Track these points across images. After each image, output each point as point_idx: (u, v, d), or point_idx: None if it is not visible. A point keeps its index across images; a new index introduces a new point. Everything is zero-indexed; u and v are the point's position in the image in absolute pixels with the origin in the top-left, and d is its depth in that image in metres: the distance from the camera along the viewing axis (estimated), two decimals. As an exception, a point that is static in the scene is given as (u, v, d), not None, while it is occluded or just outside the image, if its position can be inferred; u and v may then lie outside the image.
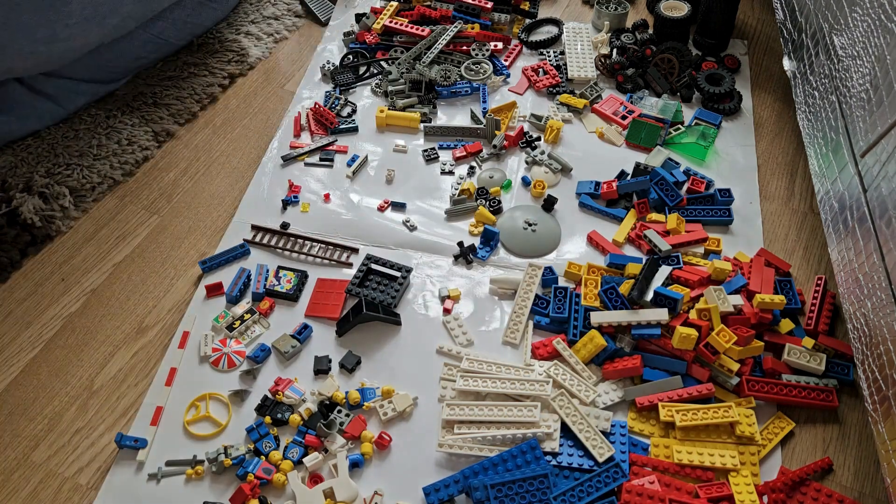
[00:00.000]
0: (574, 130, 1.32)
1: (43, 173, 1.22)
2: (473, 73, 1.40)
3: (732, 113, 1.34)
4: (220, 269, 1.12)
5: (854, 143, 0.94)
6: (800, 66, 1.21)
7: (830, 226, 1.00)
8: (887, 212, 0.81)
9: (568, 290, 1.05)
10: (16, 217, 1.16)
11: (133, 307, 1.08)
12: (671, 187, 1.16)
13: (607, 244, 1.13)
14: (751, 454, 0.91)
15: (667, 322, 0.97)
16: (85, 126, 1.31)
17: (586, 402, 0.95)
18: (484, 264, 1.13)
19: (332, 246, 1.15)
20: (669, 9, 1.44)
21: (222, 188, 1.25)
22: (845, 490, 0.90)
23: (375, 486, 0.90)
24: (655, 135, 1.27)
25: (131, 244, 1.17)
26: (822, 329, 1.02)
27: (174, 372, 1.00)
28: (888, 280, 0.80)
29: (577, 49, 1.43)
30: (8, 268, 1.12)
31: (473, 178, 1.25)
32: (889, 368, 0.78)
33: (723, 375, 0.96)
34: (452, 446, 0.91)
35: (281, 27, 1.55)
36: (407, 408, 0.96)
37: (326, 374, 1.00)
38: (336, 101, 1.36)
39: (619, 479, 0.88)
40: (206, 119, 1.37)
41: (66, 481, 0.92)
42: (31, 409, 0.98)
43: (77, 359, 1.03)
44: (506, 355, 1.02)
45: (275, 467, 0.90)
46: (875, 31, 0.91)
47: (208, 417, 0.96)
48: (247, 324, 1.04)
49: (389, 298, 1.06)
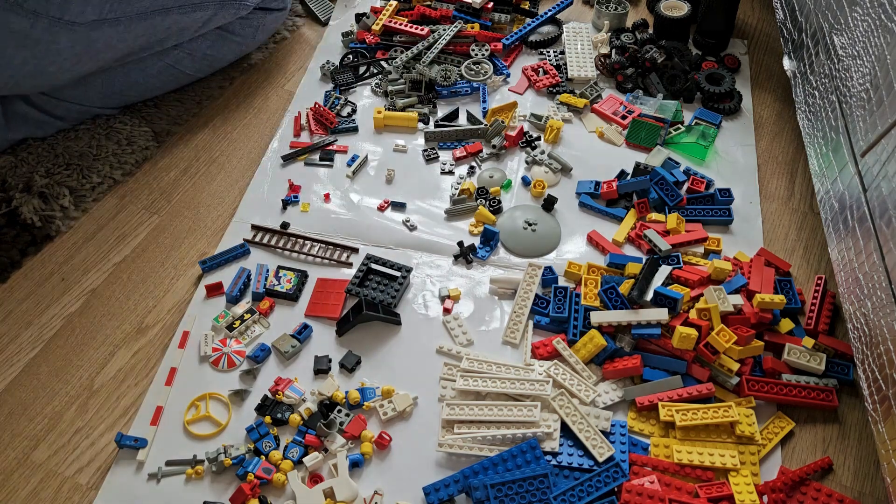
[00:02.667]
0: (574, 130, 1.32)
1: (43, 173, 1.22)
2: (474, 74, 1.40)
3: (732, 113, 1.34)
4: (220, 268, 1.12)
5: (854, 142, 0.94)
6: (800, 66, 1.21)
7: (830, 225, 1.00)
8: (887, 211, 0.81)
9: (568, 289, 1.05)
10: (16, 217, 1.16)
11: (133, 307, 1.09)
12: (671, 187, 1.16)
13: (607, 244, 1.13)
14: (751, 454, 0.91)
15: (667, 322, 0.97)
16: (85, 126, 1.31)
17: (586, 402, 0.95)
18: (484, 264, 1.13)
19: (332, 246, 1.15)
20: (669, 8, 1.44)
21: (222, 188, 1.25)
22: (845, 490, 0.90)
23: (375, 486, 0.90)
24: (655, 134, 1.27)
25: (131, 244, 1.17)
26: (822, 329, 1.02)
27: (174, 372, 1.00)
28: (888, 280, 0.80)
29: (577, 49, 1.43)
30: (8, 268, 1.12)
31: (473, 177, 1.25)
32: (889, 368, 0.78)
33: (723, 375, 0.96)
34: (452, 446, 0.91)
35: (281, 27, 1.55)
36: (407, 407, 0.96)
37: (326, 374, 1.00)
38: (336, 101, 1.36)
39: (618, 478, 0.88)
40: (206, 119, 1.37)
41: (66, 481, 0.92)
42: (31, 408, 0.98)
43: (77, 359, 1.03)
44: (506, 355, 1.02)
45: (275, 467, 0.90)
46: (875, 30, 0.91)
47: (208, 417, 0.96)
48: (247, 323, 1.05)
49: (389, 298, 1.06)
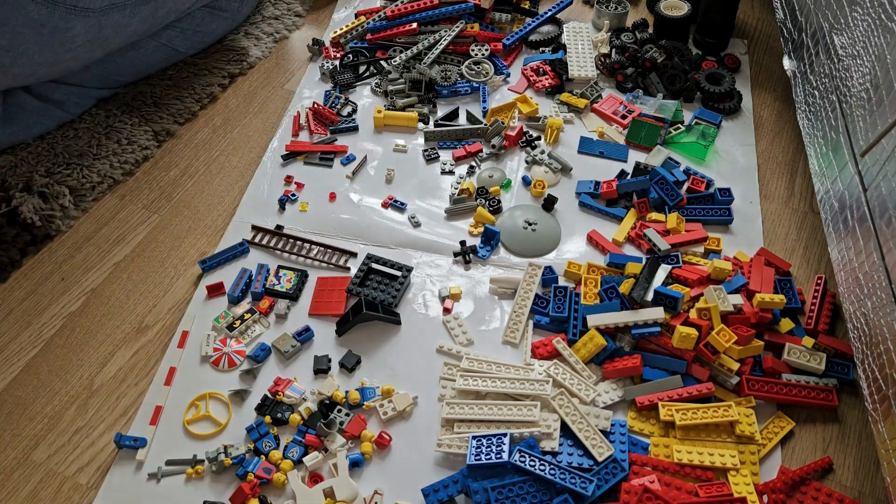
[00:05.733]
0: (574, 130, 1.32)
1: (43, 173, 1.22)
2: (474, 74, 1.40)
3: (732, 112, 1.34)
4: (219, 268, 1.12)
5: (854, 142, 0.94)
6: (800, 66, 1.21)
7: (830, 225, 1.00)
8: (887, 211, 0.81)
9: (568, 289, 1.05)
10: (16, 216, 1.16)
11: (133, 306, 1.08)
12: (671, 187, 1.16)
13: (607, 244, 1.13)
14: (751, 454, 0.90)
15: (665, 321, 0.97)
16: (85, 126, 1.31)
17: (586, 402, 0.95)
18: (484, 264, 1.13)
19: (330, 249, 1.14)
20: (669, 8, 1.44)
21: (222, 187, 1.25)
22: (845, 489, 0.90)
23: (375, 486, 0.90)
24: (655, 134, 1.27)
25: (131, 244, 1.17)
26: (822, 328, 1.02)
27: (174, 371, 1.00)
28: (888, 279, 0.80)
29: (578, 48, 1.43)
30: (8, 267, 1.12)
31: (473, 177, 1.25)
32: (889, 368, 0.78)
33: (723, 375, 0.96)
34: (451, 446, 0.91)
35: (281, 27, 1.55)
36: (407, 407, 0.96)
37: (326, 374, 1.00)
38: (336, 101, 1.36)
39: (618, 474, 0.87)
40: (206, 118, 1.37)
41: (66, 481, 0.92)
42: (31, 408, 0.98)
43: (77, 358, 1.03)
44: (506, 355, 1.02)
45: (275, 467, 0.90)
46: (875, 30, 0.91)
47: (208, 417, 0.96)
48: (247, 323, 1.04)
49: (390, 298, 1.06)
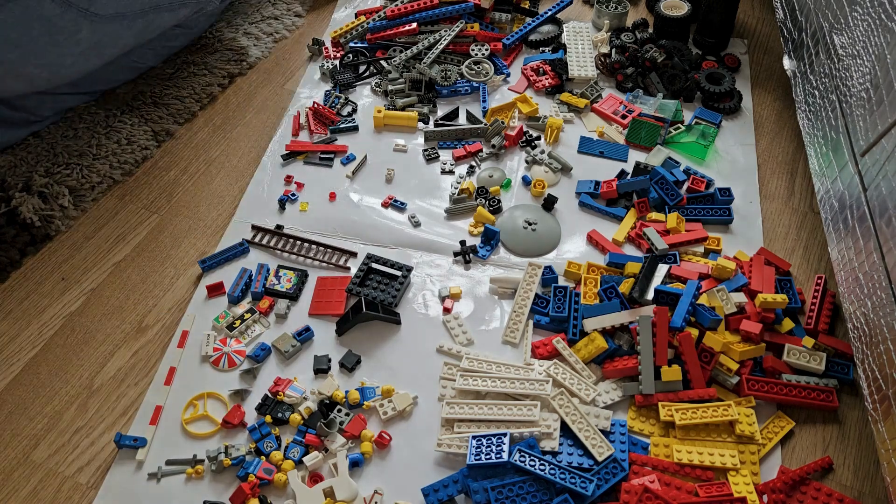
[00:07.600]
0: (574, 130, 1.31)
1: (42, 173, 1.22)
2: (474, 73, 1.40)
3: (732, 112, 1.34)
4: (219, 268, 1.12)
5: (854, 142, 0.94)
6: (800, 66, 1.21)
7: (830, 225, 1.00)
8: (887, 211, 0.81)
9: (568, 289, 1.05)
10: (15, 217, 1.16)
11: (133, 306, 1.08)
12: (671, 186, 1.16)
13: (607, 243, 1.13)
14: (751, 453, 0.90)
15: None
16: (84, 125, 1.31)
17: (586, 402, 0.95)
18: (484, 263, 1.13)
19: (330, 249, 1.14)
20: (669, 8, 1.44)
21: (222, 187, 1.25)
22: (845, 489, 0.90)
23: (375, 485, 0.90)
24: (655, 134, 1.27)
25: (131, 243, 1.17)
26: (822, 328, 1.02)
27: (173, 371, 1.00)
28: (888, 279, 0.80)
29: (578, 48, 1.43)
30: (8, 267, 1.12)
31: (473, 177, 1.24)
32: (889, 367, 0.78)
33: (723, 375, 0.96)
34: (451, 445, 0.91)
35: (281, 27, 1.55)
36: (407, 407, 0.96)
37: (326, 374, 1.00)
38: (336, 100, 1.36)
39: (618, 474, 0.87)
40: (206, 118, 1.37)
41: (66, 480, 0.92)
42: (31, 408, 0.98)
43: (77, 358, 1.03)
44: (506, 354, 1.02)
45: (276, 467, 0.90)
46: (875, 30, 0.91)
47: (207, 416, 0.96)
48: (247, 323, 1.04)
49: (390, 298, 1.06)
